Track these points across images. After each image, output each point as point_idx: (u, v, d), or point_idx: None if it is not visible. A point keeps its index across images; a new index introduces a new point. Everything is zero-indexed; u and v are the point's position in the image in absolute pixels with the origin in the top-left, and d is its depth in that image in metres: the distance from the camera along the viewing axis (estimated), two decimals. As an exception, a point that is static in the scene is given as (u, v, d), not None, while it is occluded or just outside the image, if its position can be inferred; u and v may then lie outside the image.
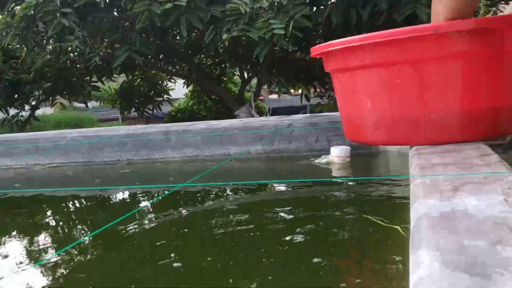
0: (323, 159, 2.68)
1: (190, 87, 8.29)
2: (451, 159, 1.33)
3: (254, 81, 8.65)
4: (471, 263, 0.65)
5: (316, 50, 1.74)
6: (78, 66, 5.95)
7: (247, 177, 2.73)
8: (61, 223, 2.03)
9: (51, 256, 1.55)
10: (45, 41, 5.36)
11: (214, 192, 2.32)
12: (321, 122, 2.90)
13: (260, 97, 10.02)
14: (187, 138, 3.08)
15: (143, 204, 2.19)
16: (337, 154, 2.61)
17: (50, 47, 5.51)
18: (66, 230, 1.91)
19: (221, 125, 3.07)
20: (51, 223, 2.06)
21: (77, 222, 2.05)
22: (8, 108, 6.01)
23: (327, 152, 2.74)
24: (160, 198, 2.23)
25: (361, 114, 1.68)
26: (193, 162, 3.05)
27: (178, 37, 5.56)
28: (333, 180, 2.38)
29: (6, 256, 1.59)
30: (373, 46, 1.49)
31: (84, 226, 1.97)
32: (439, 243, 0.72)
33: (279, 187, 2.28)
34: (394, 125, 1.60)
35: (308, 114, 3.43)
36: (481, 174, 1.08)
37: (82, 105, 7.80)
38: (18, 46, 5.39)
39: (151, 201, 2.21)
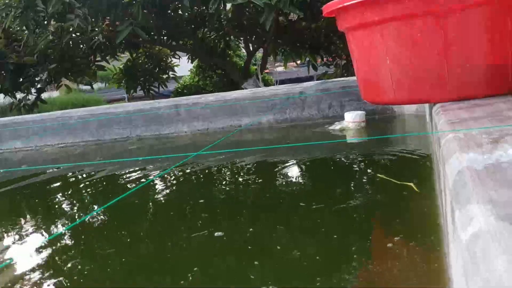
0: (337, 126, 2.61)
1: (195, 63, 8.17)
2: (482, 113, 1.25)
3: (260, 54, 8.52)
4: (530, 215, 0.58)
5: (330, 6, 1.64)
6: (81, 46, 5.86)
7: (261, 150, 2.66)
8: (77, 200, 1.99)
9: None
10: (46, 21, 5.26)
11: (226, 164, 2.26)
12: (333, 88, 2.81)
13: (266, 70, 9.89)
14: (197, 111, 3.01)
15: (154, 176, 2.14)
16: (352, 119, 2.53)
17: (52, 28, 5.42)
18: (83, 205, 1.87)
19: (231, 96, 2.99)
20: (64, 200, 2.02)
21: (96, 197, 2.01)
22: (14, 92, 5.97)
23: (341, 118, 2.66)
24: (171, 169, 2.18)
25: (380, 73, 1.60)
26: (204, 135, 2.99)
27: (180, 10, 5.44)
28: (346, 140, 2.32)
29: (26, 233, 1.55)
30: (393, -3, 1.39)
31: (100, 200, 1.93)
32: (490, 196, 0.65)
33: (294, 157, 2.21)
34: (416, 82, 1.51)
35: (320, 81, 3.34)
36: (520, 125, 1.00)
37: (88, 87, 7.73)
38: (18, 28, 5.29)
39: (163, 172, 2.16)
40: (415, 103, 1.98)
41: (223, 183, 1.96)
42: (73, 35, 5.50)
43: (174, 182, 2.07)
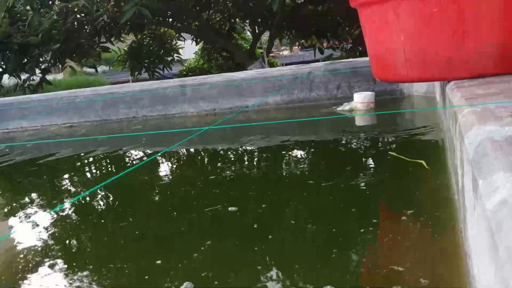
0: (346, 106, 2.58)
1: (200, 45, 8.12)
2: (497, 89, 1.23)
3: (265, 38, 8.45)
4: (558, 183, 0.56)
5: (343, -18, 1.61)
6: (86, 27, 5.82)
7: (267, 128, 2.64)
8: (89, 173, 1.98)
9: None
10: (51, 1, 5.22)
11: (234, 142, 2.24)
12: (342, 69, 2.78)
13: (272, 54, 9.82)
14: (203, 91, 2.99)
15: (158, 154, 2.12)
16: (361, 100, 2.50)
17: (57, 8, 5.37)
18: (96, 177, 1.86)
19: (238, 76, 2.96)
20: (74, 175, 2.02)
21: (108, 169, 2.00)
22: (19, 73, 5.94)
23: (350, 99, 2.64)
24: (179, 144, 2.16)
25: (392, 50, 1.57)
26: (211, 116, 2.97)
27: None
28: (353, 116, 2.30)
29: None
30: (408, -30, 1.36)
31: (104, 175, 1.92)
32: (515, 165, 0.63)
33: (302, 136, 2.20)
34: (429, 59, 1.48)
35: (328, 61, 3.30)
36: (540, 99, 0.98)
37: (92, 70, 7.70)
38: (22, 7, 5.25)
39: (169, 148, 2.15)
40: (427, 81, 1.96)
41: (232, 161, 1.95)
42: (78, 16, 5.46)
43: (184, 160, 2.06)
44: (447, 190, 1.21)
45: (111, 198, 1.61)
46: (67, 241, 1.25)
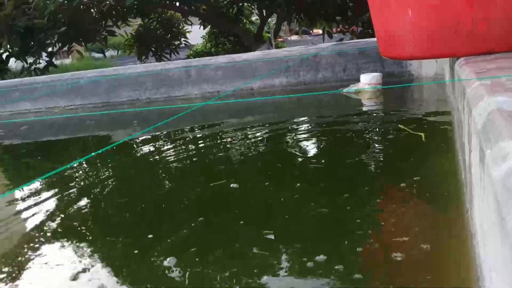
0: (352, 88, 2.52)
1: (207, 29, 8.04)
2: (507, 64, 1.17)
3: (273, 22, 8.34)
4: None
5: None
6: (92, 10, 5.76)
7: (272, 110, 2.59)
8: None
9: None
10: (56, -17, 5.16)
11: (239, 123, 2.20)
12: (349, 49, 2.71)
13: (280, 39, 9.71)
14: (208, 73, 2.94)
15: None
16: (368, 81, 2.44)
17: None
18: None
19: (243, 57, 2.91)
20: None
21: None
22: (25, 56, 5.91)
23: (357, 81, 2.57)
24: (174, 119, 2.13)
25: (400, 26, 1.51)
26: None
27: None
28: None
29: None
30: None
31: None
32: (526, 132, 0.58)
33: (307, 116, 2.15)
34: (438, 35, 1.42)
35: (335, 42, 3.23)
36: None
37: (100, 55, 7.67)
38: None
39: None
40: (437, 58, 1.89)
41: (239, 141, 1.91)
42: (84, -1, 5.40)
43: (190, 140, 2.02)
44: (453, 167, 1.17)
45: (109, 172, 1.59)
46: (66, 211, 1.23)
